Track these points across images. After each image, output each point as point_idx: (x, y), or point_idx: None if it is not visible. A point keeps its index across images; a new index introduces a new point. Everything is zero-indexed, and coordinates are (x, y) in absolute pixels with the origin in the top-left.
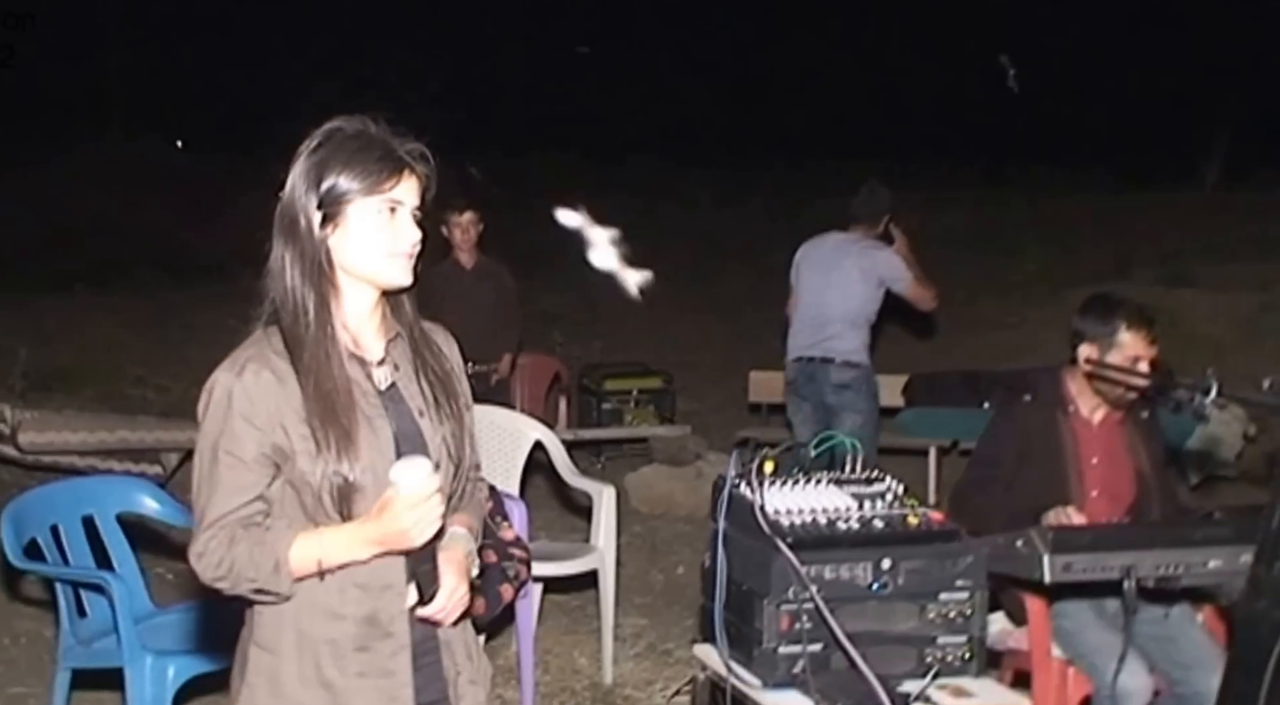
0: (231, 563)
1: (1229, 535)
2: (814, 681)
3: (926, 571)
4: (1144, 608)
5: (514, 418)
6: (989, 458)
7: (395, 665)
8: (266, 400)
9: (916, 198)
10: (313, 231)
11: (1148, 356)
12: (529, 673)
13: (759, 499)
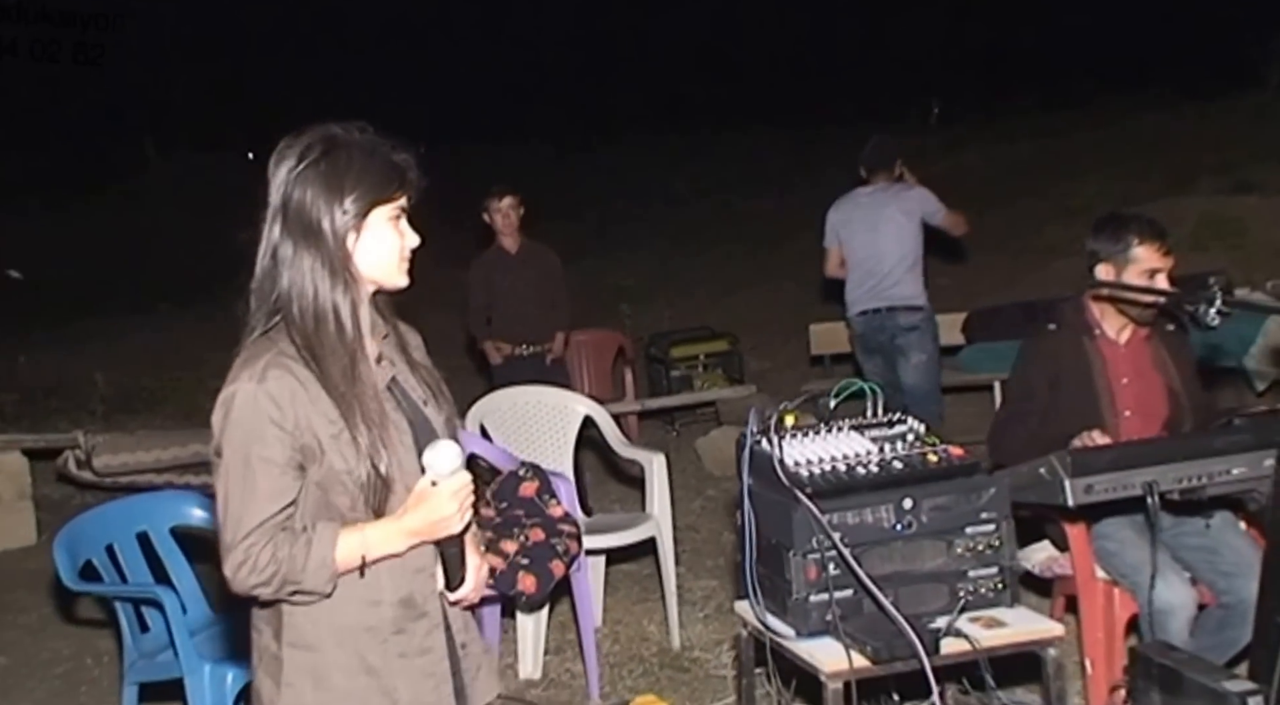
0: (276, 567)
1: (1250, 441)
2: (845, 627)
3: (950, 507)
4: (1185, 521)
5: (562, 395)
6: (1022, 390)
7: (432, 642)
8: (293, 405)
9: (979, 132)
10: (340, 239)
11: (1164, 267)
12: (590, 644)
13: (777, 453)
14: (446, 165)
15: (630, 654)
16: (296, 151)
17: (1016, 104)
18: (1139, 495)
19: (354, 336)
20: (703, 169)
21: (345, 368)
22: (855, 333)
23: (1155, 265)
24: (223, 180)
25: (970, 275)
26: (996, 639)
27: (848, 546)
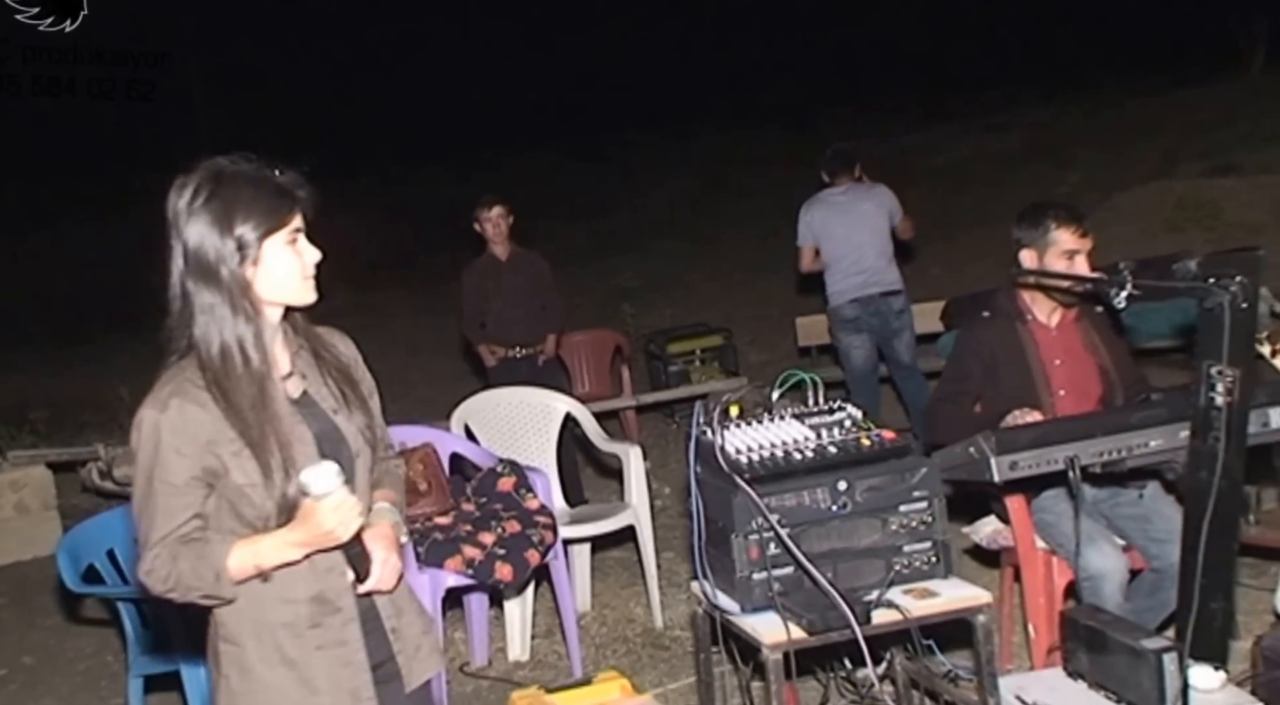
0: (177, 577)
1: (1166, 415)
2: (785, 601)
3: (883, 488)
4: (1120, 491)
5: (543, 395)
6: (956, 374)
7: (347, 635)
8: (193, 430)
9: (975, 125)
10: (235, 274)
11: (1082, 249)
12: (571, 626)
13: (719, 441)
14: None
15: (616, 635)
16: (187, 191)
17: (1018, 98)
18: (1061, 470)
19: (260, 365)
20: (704, 171)
21: (254, 397)
22: (845, 318)
23: (1073, 247)
24: None
25: (960, 262)
26: (927, 608)
27: (786, 527)
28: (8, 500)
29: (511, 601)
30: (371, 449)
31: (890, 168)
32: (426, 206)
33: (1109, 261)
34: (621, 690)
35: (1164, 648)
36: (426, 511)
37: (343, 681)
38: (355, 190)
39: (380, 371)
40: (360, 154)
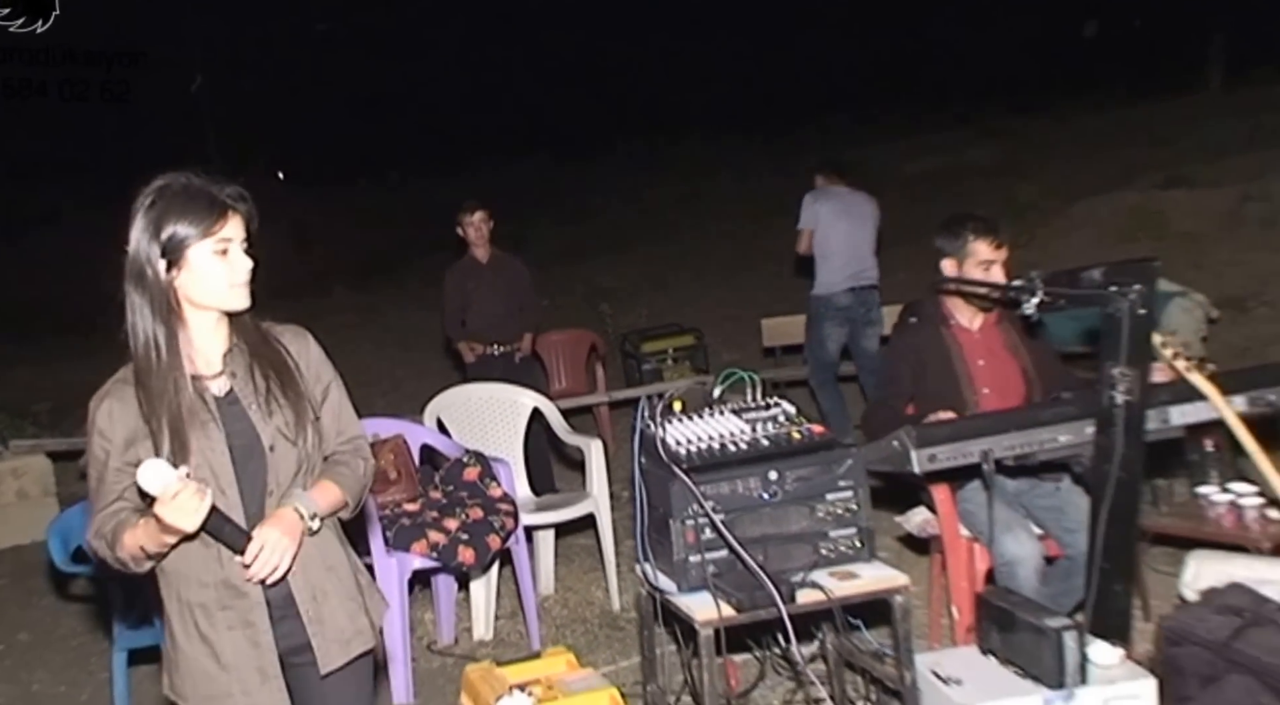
0: (102, 549)
1: (1075, 412)
2: (718, 582)
3: (811, 478)
4: (1038, 484)
5: (511, 390)
6: (888, 377)
7: (254, 617)
8: (118, 422)
9: (946, 137)
10: (159, 277)
11: (998, 259)
12: (531, 607)
13: (660, 434)
14: (457, 177)
15: (575, 616)
16: (139, 200)
17: (981, 108)
18: (976, 462)
19: (170, 362)
20: (686, 177)
21: (163, 390)
22: (838, 305)
23: (989, 257)
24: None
25: (925, 269)
26: (849, 589)
27: (720, 513)
28: (9, 487)
29: (476, 584)
30: (293, 444)
31: (865, 176)
32: (420, 208)
33: (1064, 267)
34: (568, 664)
35: (1065, 626)
36: (396, 498)
37: (250, 660)
38: (353, 193)
39: (372, 367)
40: (357, 158)
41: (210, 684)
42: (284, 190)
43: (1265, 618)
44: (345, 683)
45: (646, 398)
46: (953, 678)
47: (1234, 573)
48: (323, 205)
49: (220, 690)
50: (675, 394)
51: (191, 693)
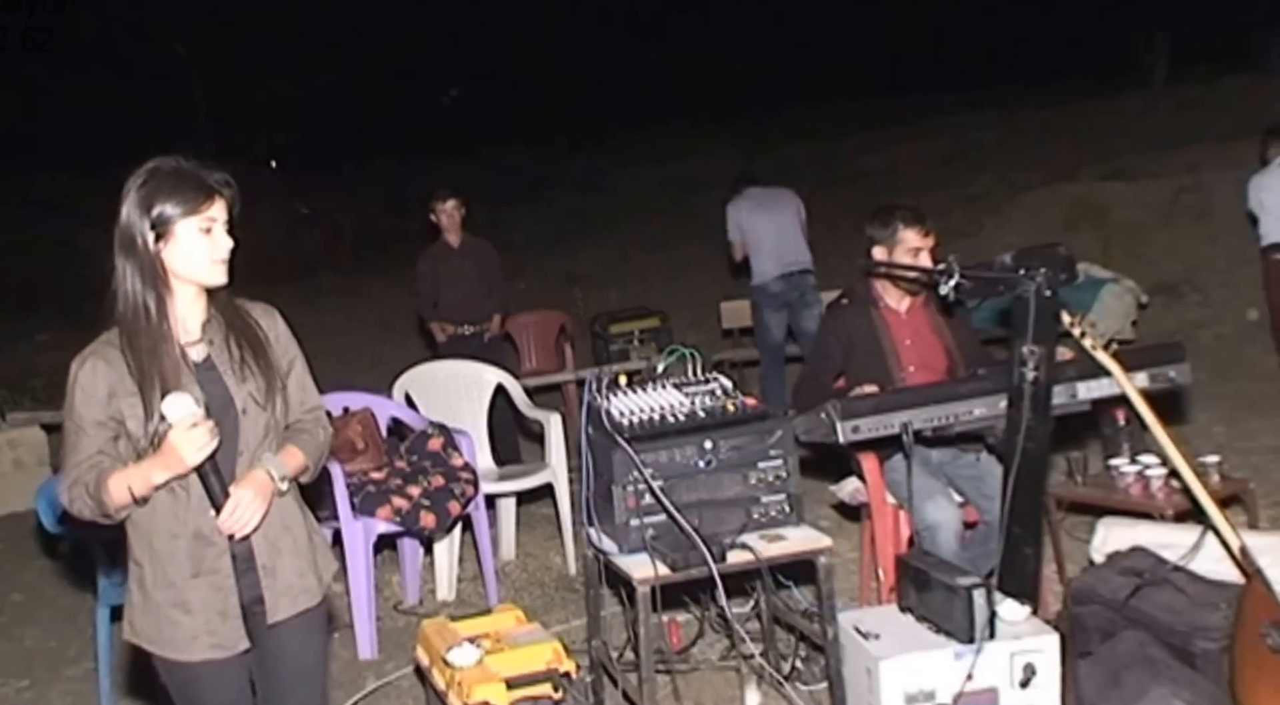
0: (80, 499)
1: (989, 387)
2: (656, 544)
3: (744, 447)
4: (960, 454)
5: (476, 367)
6: (819, 354)
7: (220, 566)
8: (101, 381)
9: (905, 131)
10: (148, 247)
11: (925, 247)
12: (489, 569)
13: (604, 406)
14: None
15: (534, 579)
16: (131, 180)
17: (939, 102)
18: (897, 433)
19: (158, 325)
20: (663, 165)
21: (150, 350)
22: (771, 293)
23: (917, 245)
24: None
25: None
26: (776, 550)
27: (658, 479)
28: (6, 457)
29: (440, 548)
30: (263, 409)
31: (826, 168)
32: (404, 194)
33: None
34: (516, 620)
35: (974, 585)
36: (363, 467)
37: (214, 603)
38: (340, 179)
39: (356, 346)
40: (345, 145)
41: (175, 629)
42: (275, 176)
43: (1162, 578)
44: (292, 632)
45: (592, 373)
46: (872, 633)
47: (1138, 538)
48: (311, 191)
49: (186, 635)
50: (620, 370)
51: (157, 637)
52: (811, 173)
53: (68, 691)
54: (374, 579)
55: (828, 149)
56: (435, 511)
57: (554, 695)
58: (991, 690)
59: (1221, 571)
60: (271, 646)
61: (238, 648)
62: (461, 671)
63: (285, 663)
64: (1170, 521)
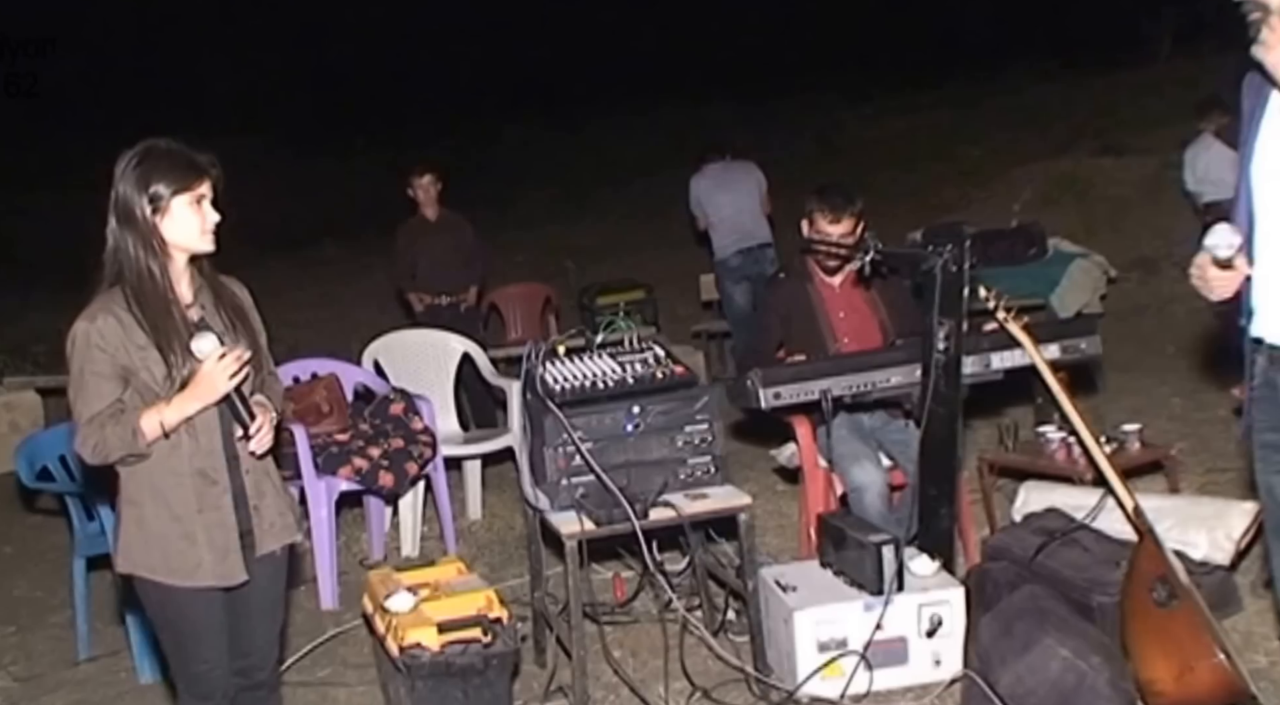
0: (105, 443)
1: (905, 357)
2: (585, 501)
3: (671, 412)
4: (890, 420)
5: (442, 336)
6: (760, 326)
7: (222, 503)
8: (113, 336)
9: (904, 103)
10: (147, 220)
11: (835, 233)
12: (449, 527)
13: (539, 372)
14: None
15: (496, 538)
16: (124, 160)
17: (943, 79)
18: (816, 400)
19: (164, 287)
20: (663, 141)
21: (161, 309)
22: (731, 267)
23: (825, 229)
24: (248, 160)
25: (875, 228)
26: (698, 507)
27: (586, 441)
28: (3, 419)
29: (405, 506)
30: (253, 368)
31: (824, 140)
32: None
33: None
34: (457, 571)
35: (883, 541)
36: (328, 429)
37: (216, 538)
38: (347, 153)
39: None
40: (350, 120)
41: (182, 558)
42: (281, 150)
43: (1070, 538)
44: (265, 567)
45: (533, 341)
46: (790, 586)
47: (1055, 500)
48: (315, 164)
49: (192, 563)
50: (559, 340)
51: (161, 565)
52: (808, 144)
53: (50, 637)
54: (344, 536)
55: (827, 120)
56: (393, 471)
57: (483, 638)
58: (901, 639)
59: (1130, 531)
60: (253, 577)
61: (237, 579)
62: (398, 617)
63: (260, 593)
64: (1089, 485)
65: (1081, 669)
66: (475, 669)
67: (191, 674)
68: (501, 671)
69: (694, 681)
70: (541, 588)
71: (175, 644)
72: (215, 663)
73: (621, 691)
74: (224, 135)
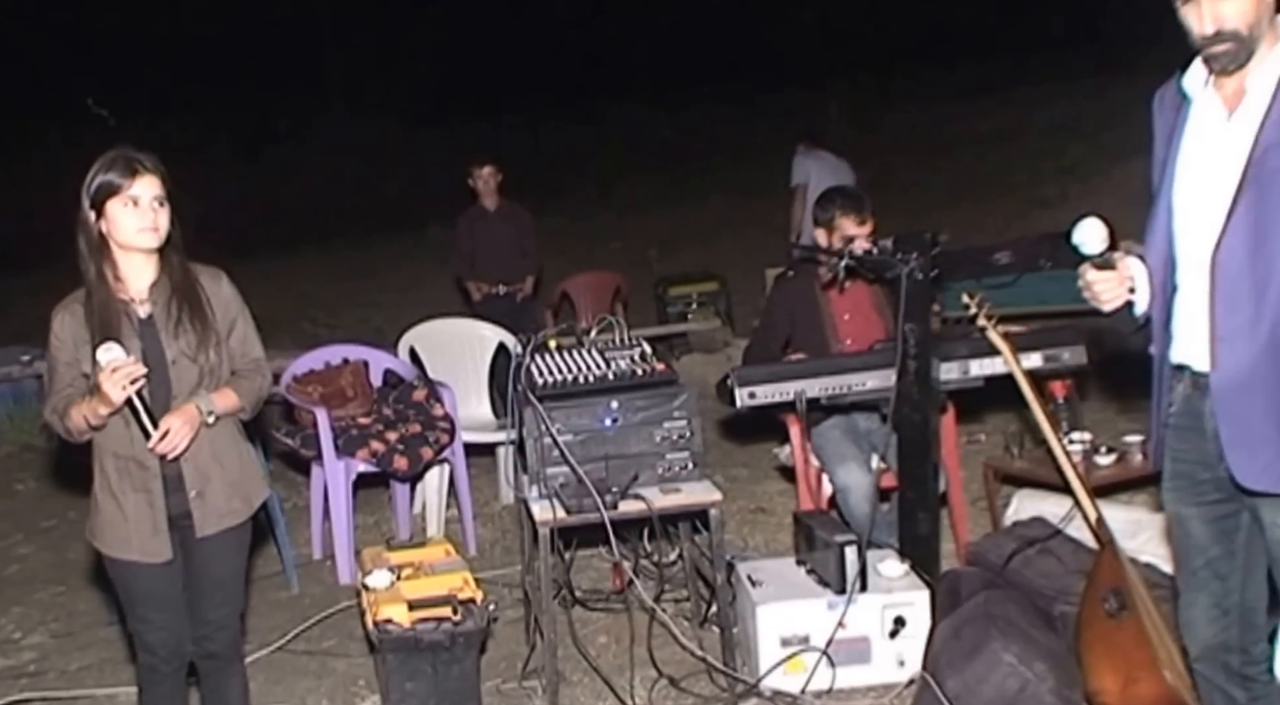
0: (54, 422)
1: (882, 361)
2: (558, 491)
3: (650, 408)
4: (883, 423)
5: (478, 325)
6: (765, 324)
7: (152, 486)
8: (68, 329)
9: (1021, 94)
10: (90, 224)
11: (861, 234)
12: (467, 510)
13: (526, 365)
14: (556, 123)
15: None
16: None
17: (1071, 66)
18: (790, 401)
19: (101, 287)
20: (774, 125)
21: (102, 305)
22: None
23: (853, 231)
24: (367, 140)
25: (970, 224)
26: (668, 501)
27: (566, 433)
28: None
29: (430, 490)
30: (193, 361)
31: (932, 132)
32: (524, 148)
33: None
34: (445, 553)
35: (847, 541)
36: (352, 413)
37: (146, 517)
38: (466, 132)
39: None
40: (472, 98)
41: (115, 531)
42: (397, 128)
43: (1047, 548)
44: (216, 545)
45: (522, 335)
46: (759, 581)
47: (1045, 509)
48: (425, 142)
49: (122, 537)
50: (549, 334)
51: (104, 536)
52: (918, 138)
53: (91, 599)
54: (374, 515)
55: (940, 112)
56: (408, 455)
57: (453, 617)
58: (864, 638)
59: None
60: (198, 557)
61: (161, 557)
62: (375, 593)
63: (209, 571)
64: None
65: (1025, 675)
66: (443, 645)
67: (137, 631)
68: (468, 649)
69: (661, 670)
70: (533, 572)
71: (125, 604)
72: (158, 625)
73: (596, 675)
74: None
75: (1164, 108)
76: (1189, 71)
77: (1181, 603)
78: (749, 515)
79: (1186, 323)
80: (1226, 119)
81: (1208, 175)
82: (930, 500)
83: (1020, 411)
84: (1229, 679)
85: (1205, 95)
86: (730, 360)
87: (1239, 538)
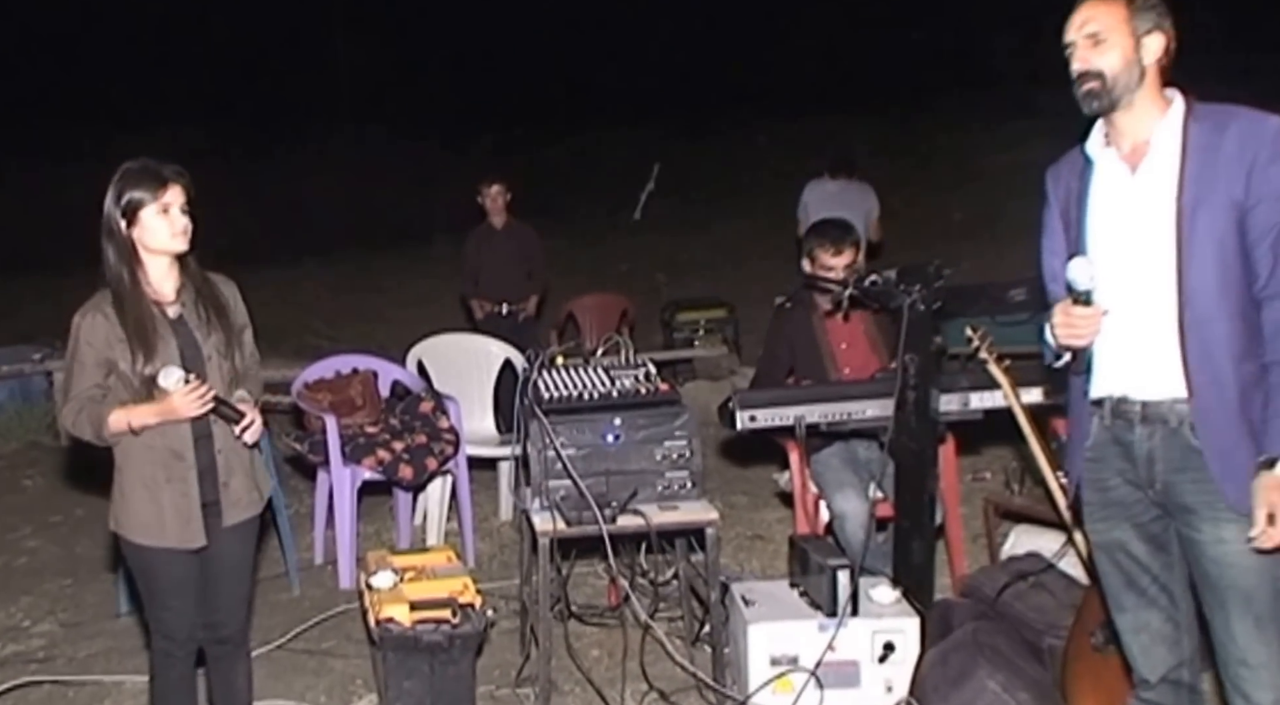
0: (79, 422)
1: (882, 390)
2: (559, 503)
3: (652, 426)
4: (881, 452)
5: (483, 341)
6: (767, 354)
7: (188, 476)
8: (99, 331)
9: (1047, 126)
10: (121, 231)
11: (837, 265)
12: (467, 520)
13: (532, 381)
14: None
15: (520, 539)
16: (113, 181)
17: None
18: (790, 425)
19: (133, 291)
20: (800, 152)
21: (135, 309)
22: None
23: (829, 263)
24: (370, 153)
25: (994, 259)
26: (665, 518)
27: (569, 447)
28: None
29: (432, 500)
30: (227, 360)
31: (956, 164)
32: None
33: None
34: (447, 559)
35: (839, 566)
36: (360, 421)
37: (181, 508)
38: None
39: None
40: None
41: (147, 520)
42: (407, 143)
43: (1040, 582)
44: (235, 533)
45: (532, 351)
46: (752, 601)
47: (1041, 545)
48: (436, 158)
49: (156, 526)
50: (556, 351)
51: (134, 525)
52: (941, 169)
53: (99, 591)
54: (376, 524)
55: (965, 142)
56: (413, 465)
57: (452, 619)
58: (853, 662)
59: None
60: (218, 545)
61: (197, 543)
62: (378, 593)
63: (228, 558)
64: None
65: (1008, 703)
66: (441, 646)
67: (158, 617)
68: (465, 651)
69: (653, 685)
70: (531, 583)
71: (147, 591)
72: (179, 610)
73: (588, 687)
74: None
75: (1062, 177)
76: (1089, 137)
77: (1130, 634)
78: (746, 542)
79: (1102, 360)
80: (1131, 174)
81: (1121, 226)
82: (925, 530)
83: (1021, 448)
84: (1178, 699)
85: (1105, 156)
86: (735, 388)
87: (1174, 550)
